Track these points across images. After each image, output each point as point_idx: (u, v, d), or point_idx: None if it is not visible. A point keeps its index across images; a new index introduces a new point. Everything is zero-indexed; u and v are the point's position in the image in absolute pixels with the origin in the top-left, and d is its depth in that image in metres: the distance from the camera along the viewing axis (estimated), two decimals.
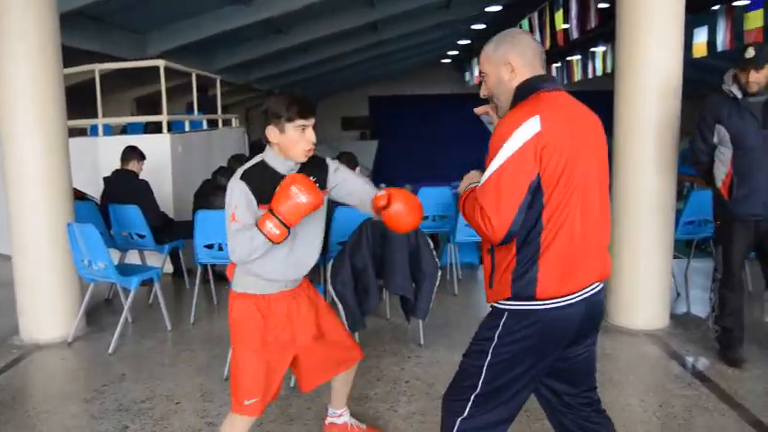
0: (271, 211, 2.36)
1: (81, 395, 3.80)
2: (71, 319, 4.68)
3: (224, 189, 5.27)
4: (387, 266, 4.12)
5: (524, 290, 1.97)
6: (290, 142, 2.43)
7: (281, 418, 3.41)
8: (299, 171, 2.49)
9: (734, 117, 3.71)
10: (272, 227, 2.35)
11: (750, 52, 3.62)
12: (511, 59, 2.05)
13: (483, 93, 2.16)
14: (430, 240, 4.29)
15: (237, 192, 2.42)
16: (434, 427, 3.28)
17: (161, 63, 6.57)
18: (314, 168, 2.56)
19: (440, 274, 4.24)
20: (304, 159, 2.49)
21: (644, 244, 4.49)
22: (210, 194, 5.38)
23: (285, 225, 2.35)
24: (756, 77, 3.63)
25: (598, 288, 2.08)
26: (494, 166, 1.91)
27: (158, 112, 6.88)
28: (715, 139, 3.81)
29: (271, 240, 2.37)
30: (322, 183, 2.57)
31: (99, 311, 5.30)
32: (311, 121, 2.45)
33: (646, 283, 4.56)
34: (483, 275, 2.14)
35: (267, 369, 2.59)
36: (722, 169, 3.81)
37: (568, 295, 1.98)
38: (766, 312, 4.89)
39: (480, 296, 5.83)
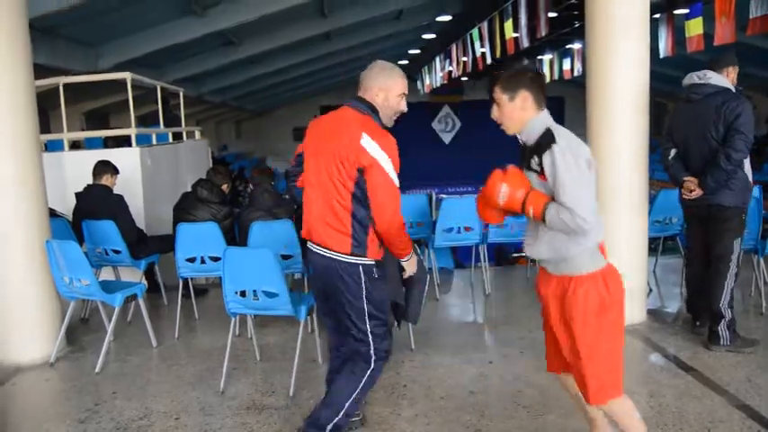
0: None
1: (74, 416, 3.70)
2: (52, 339, 4.55)
3: (205, 201, 5.32)
4: None
5: None
6: None
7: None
8: None
9: None
10: None
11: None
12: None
13: None
14: (416, 245, 4.35)
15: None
16: (439, 429, 3.37)
17: (128, 75, 6.45)
18: None
19: (428, 278, 4.29)
20: None
21: (622, 242, 4.64)
22: (191, 207, 5.31)
23: None
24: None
25: (321, 252, 2.92)
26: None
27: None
28: None
29: None
30: None
31: (76, 331, 5.16)
32: None
33: (625, 279, 4.71)
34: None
35: None
36: (748, 162, 4.08)
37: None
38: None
39: (462, 300, 5.93)
